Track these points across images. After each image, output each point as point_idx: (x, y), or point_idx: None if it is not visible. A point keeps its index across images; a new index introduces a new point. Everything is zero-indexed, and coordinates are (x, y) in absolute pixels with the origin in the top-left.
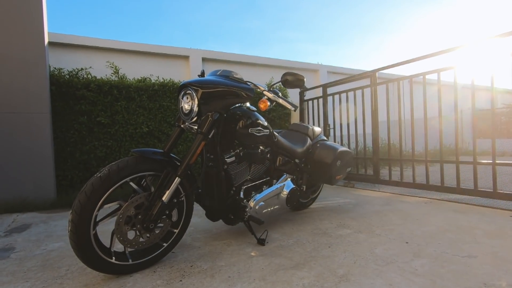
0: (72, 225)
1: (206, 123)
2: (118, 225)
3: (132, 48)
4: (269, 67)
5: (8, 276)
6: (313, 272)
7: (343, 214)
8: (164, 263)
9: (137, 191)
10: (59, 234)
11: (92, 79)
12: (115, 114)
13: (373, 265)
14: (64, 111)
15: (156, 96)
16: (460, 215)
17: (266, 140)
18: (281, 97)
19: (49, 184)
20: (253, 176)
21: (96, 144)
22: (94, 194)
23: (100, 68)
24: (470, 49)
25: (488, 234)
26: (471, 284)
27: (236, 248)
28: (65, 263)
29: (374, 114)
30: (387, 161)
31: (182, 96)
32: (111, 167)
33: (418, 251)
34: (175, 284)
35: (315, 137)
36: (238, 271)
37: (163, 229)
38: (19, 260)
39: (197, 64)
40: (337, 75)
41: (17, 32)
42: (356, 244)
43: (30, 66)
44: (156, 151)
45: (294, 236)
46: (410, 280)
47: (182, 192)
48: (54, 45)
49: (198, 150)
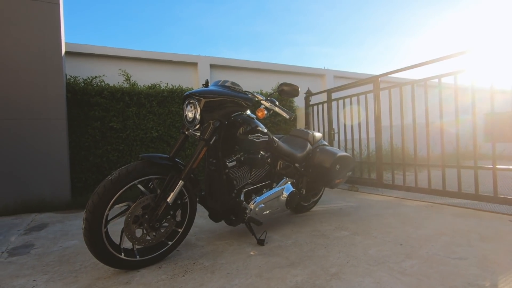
0: (86, 223)
1: (208, 130)
2: (127, 223)
3: (143, 56)
4: (276, 72)
5: (29, 270)
6: (306, 270)
7: (343, 217)
8: (169, 260)
9: (145, 193)
10: (74, 233)
11: (105, 86)
12: (127, 120)
13: (364, 265)
14: (79, 117)
15: (165, 102)
16: (459, 219)
17: (266, 146)
18: (278, 106)
19: (65, 186)
20: (254, 179)
21: (108, 148)
22: (105, 195)
23: (113, 75)
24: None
25: (483, 238)
26: (456, 283)
27: (237, 248)
28: (79, 259)
29: (377, 119)
30: (390, 165)
31: (186, 105)
32: (121, 170)
33: (411, 252)
34: (178, 279)
35: (315, 142)
36: (237, 268)
37: (168, 228)
38: (38, 256)
39: (205, 71)
40: (344, 80)
41: (36, 43)
42: (351, 246)
43: (48, 75)
44: (162, 156)
45: (293, 237)
46: (397, 279)
47: (186, 194)
48: (70, 54)
49: (200, 155)
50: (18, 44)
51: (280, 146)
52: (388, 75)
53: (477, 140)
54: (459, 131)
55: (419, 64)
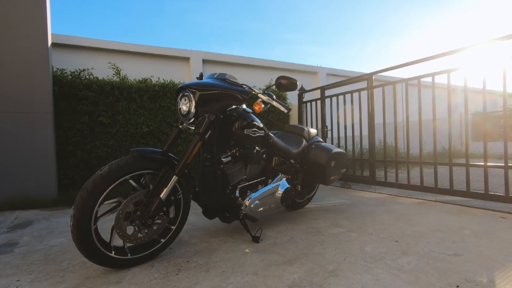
0: (74, 219)
1: (203, 124)
2: (118, 220)
3: (133, 50)
4: (269, 69)
5: (12, 269)
6: (303, 268)
7: (337, 214)
8: (161, 258)
9: (136, 188)
10: (61, 231)
11: (94, 79)
12: (116, 114)
13: (361, 262)
14: (66, 111)
15: (157, 97)
16: (452, 216)
17: (262, 141)
18: (275, 100)
19: (51, 182)
20: (249, 175)
21: (97, 144)
22: (95, 190)
23: (102, 69)
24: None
25: (476, 234)
26: (454, 280)
27: (231, 245)
28: (66, 257)
29: (371, 116)
30: (383, 163)
31: (180, 98)
32: (111, 165)
33: (407, 249)
34: (171, 277)
35: (310, 138)
36: (232, 266)
37: (160, 225)
38: (22, 255)
39: (197, 66)
40: (337, 78)
41: (21, 34)
42: (347, 242)
43: (34, 67)
44: (154, 151)
45: (288, 234)
46: (395, 275)
47: (180, 190)
48: (57, 46)
49: (195, 150)
50: (1, 34)
51: (276, 142)
52: (382, 72)
53: (467, 139)
54: (450, 129)
55: (413, 61)
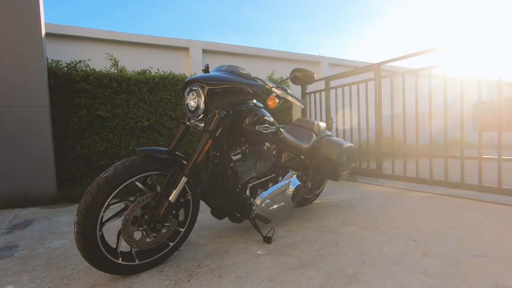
0: (78, 226)
1: (213, 121)
2: (125, 225)
3: (131, 40)
4: (270, 59)
5: (13, 276)
6: (322, 272)
7: (347, 210)
8: (171, 262)
9: (143, 190)
10: (62, 231)
11: (91, 71)
12: (115, 108)
13: (381, 265)
14: (63, 104)
15: (157, 89)
16: (466, 212)
17: (273, 137)
18: (290, 94)
19: (50, 178)
20: (259, 173)
21: (96, 138)
22: (100, 195)
23: (99, 60)
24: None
25: (494, 232)
26: (483, 285)
27: (242, 246)
28: (70, 262)
29: (378, 108)
30: (390, 155)
31: (188, 93)
32: (116, 167)
33: (426, 249)
34: (183, 284)
35: (320, 132)
36: (246, 271)
37: (169, 229)
38: (23, 259)
39: (197, 56)
40: (339, 68)
41: (12, 23)
42: (363, 242)
43: (27, 58)
44: (161, 150)
45: (299, 233)
46: (420, 280)
47: (189, 191)
48: (51, 36)
49: (205, 148)
50: None
51: (286, 137)
52: (391, 62)
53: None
54: (454, 120)
55: (423, 51)
